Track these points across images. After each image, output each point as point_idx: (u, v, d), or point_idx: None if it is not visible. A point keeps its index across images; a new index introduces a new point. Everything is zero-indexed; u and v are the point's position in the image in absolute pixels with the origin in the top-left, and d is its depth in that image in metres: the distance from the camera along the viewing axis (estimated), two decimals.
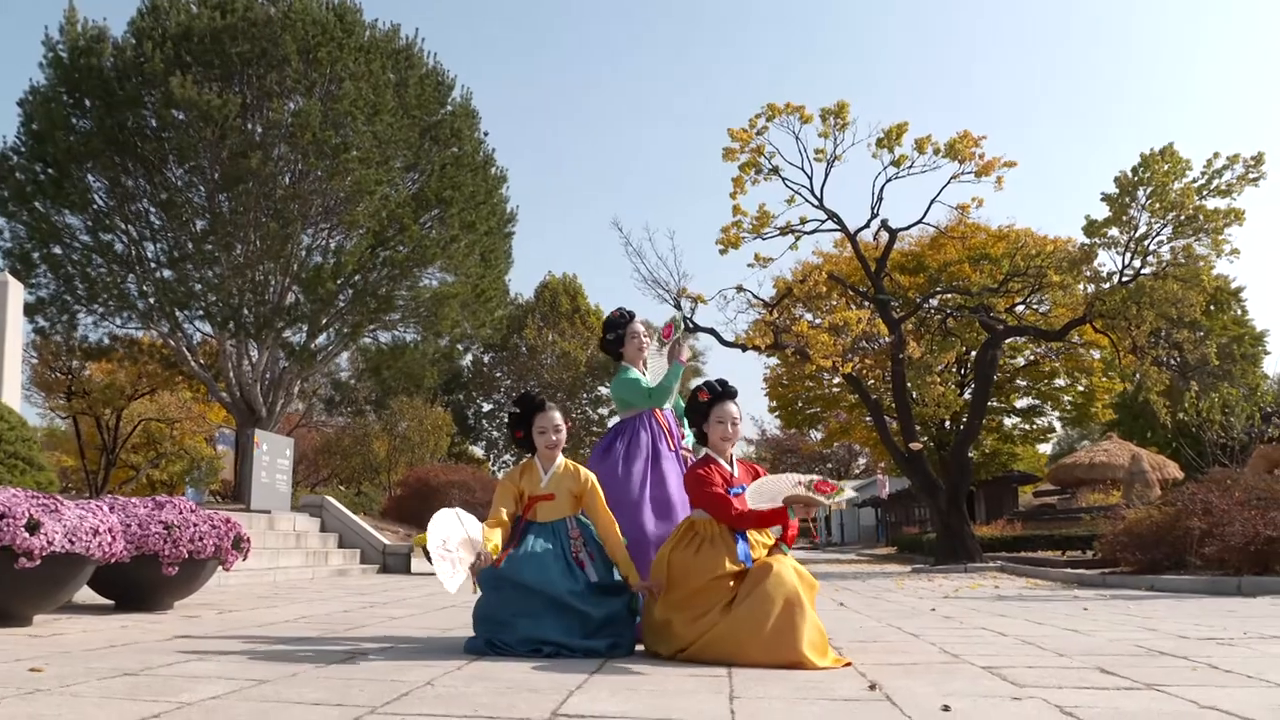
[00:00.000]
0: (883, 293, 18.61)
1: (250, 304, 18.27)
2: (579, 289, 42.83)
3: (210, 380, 19.87)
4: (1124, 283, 15.84)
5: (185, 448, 27.88)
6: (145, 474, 28.46)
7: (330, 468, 34.05)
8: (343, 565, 12.71)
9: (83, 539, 4.53)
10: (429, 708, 2.65)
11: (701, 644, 3.70)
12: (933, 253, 25.39)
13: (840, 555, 28.28)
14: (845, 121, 17.70)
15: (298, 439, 35.13)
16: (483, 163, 20.61)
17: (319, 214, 18.78)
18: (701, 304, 19.68)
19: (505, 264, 21.90)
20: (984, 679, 3.27)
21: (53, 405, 29.25)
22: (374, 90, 17.85)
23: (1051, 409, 28.37)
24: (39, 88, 17.63)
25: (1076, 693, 2.97)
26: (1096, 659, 3.81)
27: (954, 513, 17.03)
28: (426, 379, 21.81)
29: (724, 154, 18.22)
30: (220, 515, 5.92)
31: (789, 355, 19.63)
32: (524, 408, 4.35)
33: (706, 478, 3.97)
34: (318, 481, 34.17)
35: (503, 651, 3.86)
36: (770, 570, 3.75)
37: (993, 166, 17.33)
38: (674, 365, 4.75)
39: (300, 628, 5.02)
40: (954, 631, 5.04)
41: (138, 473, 28.82)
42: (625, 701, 2.78)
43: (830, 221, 18.63)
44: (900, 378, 18.01)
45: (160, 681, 3.04)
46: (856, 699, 2.86)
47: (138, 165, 17.76)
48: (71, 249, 18.04)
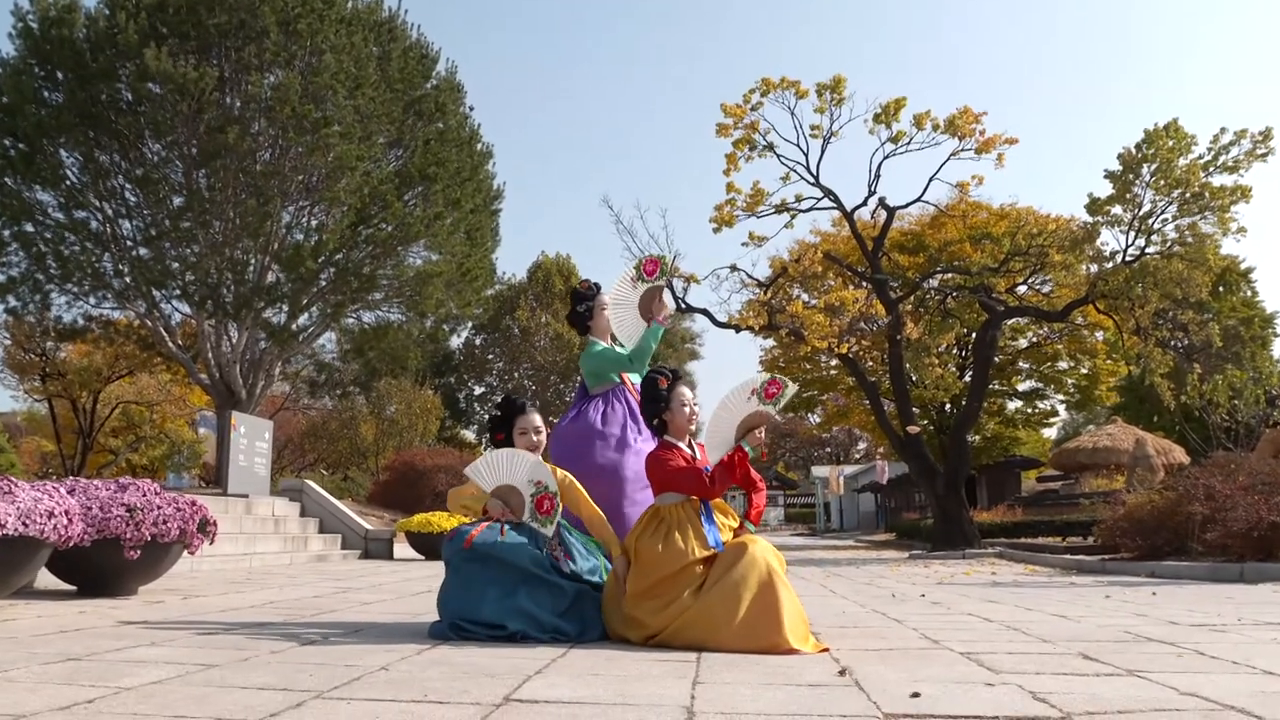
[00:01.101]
0: (880, 272, 18.57)
1: (229, 283, 18.18)
2: (572, 269, 42.72)
3: (188, 362, 19.79)
4: (1127, 262, 15.81)
5: (165, 431, 27.85)
6: (124, 458, 28.42)
7: (316, 452, 33.99)
8: (323, 551, 12.68)
9: (37, 521, 4.48)
10: (378, 692, 2.62)
11: (672, 630, 3.66)
12: (933, 232, 25.33)
13: (838, 541, 28.31)
14: (842, 97, 17.66)
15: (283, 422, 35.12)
16: (468, 138, 20.52)
17: (299, 191, 18.68)
18: (694, 284, 19.67)
19: (492, 242, 21.82)
20: (960, 664, 3.24)
21: (28, 388, 29.14)
22: (355, 64, 17.73)
23: (1054, 392, 28.36)
24: (8, 59, 17.49)
25: (1054, 679, 2.94)
26: (1081, 645, 3.78)
27: (952, 498, 17.04)
28: (411, 360, 21.74)
29: (717, 130, 18.17)
30: (185, 498, 5.88)
31: (784, 336, 19.59)
32: (505, 411, 4.40)
33: (667, 457, 3.93)
34: (303, 466, 34.11)
35: (467, 636, 3.82)
36: (744, 552, 3.72)
37: (993, 143, 17.30)
38: (652, 326, 4.64)
39: (265, 613, 4.98)
40: (939, 617, 5.01)
41: (116, 457, 28.78)
42: (584, 687, 2.75)
43: (826, 199, 18.62)
44: (898, 359, 18.00)
45: (104, 666, 3.00)
46: (824, 684, 2.83)
47: (112, 140, 17.63)
48: (44, 226, 17.92)
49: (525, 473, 4.11)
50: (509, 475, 4.12)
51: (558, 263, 43.12)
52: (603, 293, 4.85)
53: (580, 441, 4.50)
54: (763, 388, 3.94)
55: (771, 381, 3.96)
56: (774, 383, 3.95)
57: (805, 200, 18.92)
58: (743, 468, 3.84)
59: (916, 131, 17.57)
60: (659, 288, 4.66)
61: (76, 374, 26.23)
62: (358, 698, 2.54)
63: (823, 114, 17.88)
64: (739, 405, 3.91)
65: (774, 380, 3.95)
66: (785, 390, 3.90)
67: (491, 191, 21.53)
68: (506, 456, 4.18)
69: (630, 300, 4.70)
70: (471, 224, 20.41)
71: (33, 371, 27.47)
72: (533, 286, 41.83)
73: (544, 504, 4.06)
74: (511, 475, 4.12)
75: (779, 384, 3.94)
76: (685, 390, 4.08)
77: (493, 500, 4.09)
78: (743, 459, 3.84)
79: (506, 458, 4.17)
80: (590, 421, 4.53)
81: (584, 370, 4.78)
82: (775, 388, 3.93)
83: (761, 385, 3.95)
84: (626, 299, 4.70)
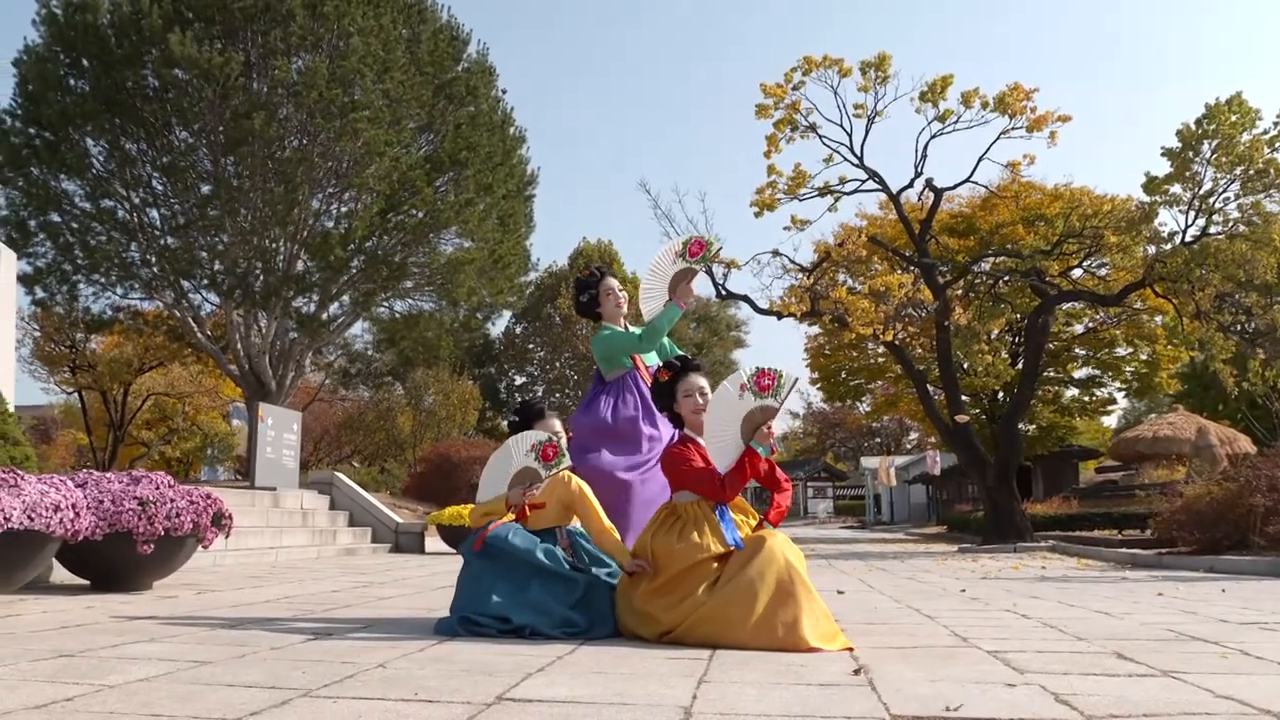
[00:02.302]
0: (927, 256, 18.38)
1: (257, 272, 18.33)
2: (614, 255, 42.70)
3: (218, 352, 20.00)
4: (1187, 243, 15.50)
5: (198, 424, 28.19)
6: (157, 451, 28.81)
7: (353, 444, 34.26)
8: (351, 544, 12.76)
9: (43, 515, 4.52)
10: (368, 690, 2.59)
11: (686, 627, 3.61)
12: (984, 214, 24.97)
13: (887, 535, 28.09)
14: (886, 75, 17.51)
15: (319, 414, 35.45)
16: (500, 122, 20.53)
17: (327, 177, 18.76)
18: (735, 269, 19.62)
19: (526, 228, 21.82)
20: (985, 664, 3.17)
21: (59, 380, 29.60)
22: (384, 46, 17.76)
23: (1112, 379, 27.88)
24: (33, 47, 17.72)
25: (1081, 679, 2.86)
26: (1118, 644, 3.69)
27: (1003, 489, 16.84)
28: (443, 349, 21.81)
29: (757, 111, 18.06)
30: (200, 491, 5.92)
31: (827, 323, 19.45)
32: (524, 416, 4.42)
33: (684, 455, 3.88)
34: (340, 458, 34.42)
35: (477, 631, 3.81)
36: (761, 547, 3.66)
37: (1045, 121, 17.06)
38: (669, 306, 4.61)
39: (277, 608, 5.00)
40: (974, 614, 4.92)
41: (149, 449, 29.17)
42: (583, 686, 2.71)
43: (871, 181, 18.48)
44: (946, 346, 17.80)
45: (94, 663, 3.01)
46: (836, 684, 2.77)
47: (138, 128, 17.82)
48: (70, 216, 18.17)
49: (520, 450, 4.17)
50: (510, 465, 4.17)
51: (599, 249, 43.10)
52: (607, 277, 4.85)
53: (591, 437, 4.51)
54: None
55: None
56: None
57: (849, 182, 18.80)
58: (754, 468, 3.79)
59: (964, 110, 17.39)
60: (693, 271, 4.63)
61: (107, 366, 26.59)
62: (345, 696, 2.52)
63: (867, 93, 17.75)
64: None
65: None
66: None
67: (525, 176, 21.52)
68: (498, 456, 4.25)
69: (666, 272, 4.68)
70: (504, 210, 20.41)
71: (62, 363, 27.88)
72: (574, 273, 41.78)
73: (548, 452, 4.13)
74: (512, 464, 4.17)
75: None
76: (694, 380, 4.02)
77: (512, 491, 4.12)
78: (753, 459, 3.79)
79: (499, 457, 4.24)
80: (601, 416, 4.53)
81: (596, 356, 4.77)
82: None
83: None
84: (663, 269, 4.68)
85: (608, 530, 4.10)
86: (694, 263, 4.62)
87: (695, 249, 4.65)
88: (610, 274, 4.93)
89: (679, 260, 4.63)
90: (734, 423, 3.81)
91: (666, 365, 4.09)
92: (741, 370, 3.87)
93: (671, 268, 4.65)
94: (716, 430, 3.83)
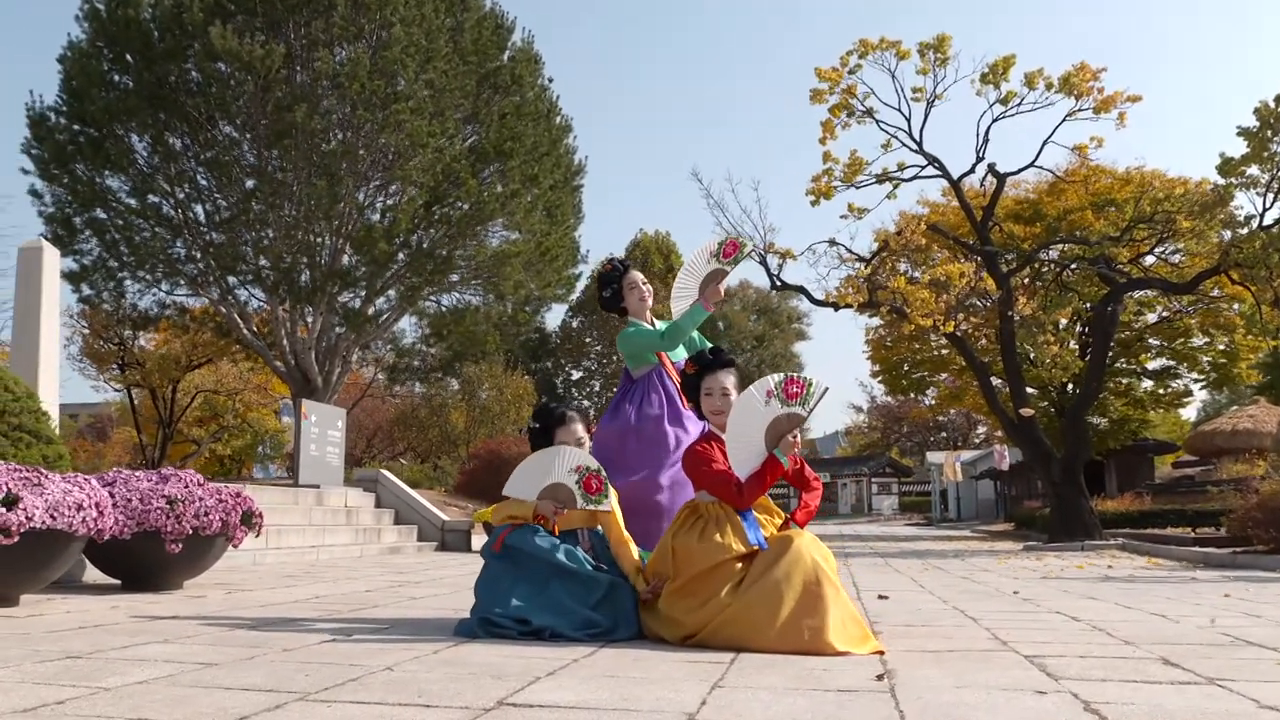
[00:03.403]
0: (990, 244, 18.11)
1: (302, 267, 18.55)
2: (672, 247, 42.67)
3: (264, 349, 20.27)
4: (1264, 227, 15.11)
5: (248, 421, 28.64)
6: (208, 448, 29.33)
7: (406, 440, 34.58)
8: (396, 543, 12.86)
9: (65, 514, 4.59)
10: (367, 694, 2.59)
11: (710, 629, 3.57)
12: (1051, 199, 24.51)
13: (952, 532, 27.74)
14: (946, 56, 17.34)
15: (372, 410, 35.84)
16: (546, 111, 20.56)
17: (371, 170, 18.91)
18: (790, 260, 19.53)
19: (574, 219, 21.86)
20: (1019, 669, 3.09)
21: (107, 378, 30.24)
22: (426, 36, 17.87)
23: (1187, 371, 27.26)
24: (77, 43, 18.08)
25: (1119, 686, 2.77)
26: (1167, 648, 3.58)
27: (1069, 485, 16.56)
28: (489, 343, 21.90)
29: (812, 96, 17.96)
30: (229, 489, 5.98)
31: (886, 314, 19.27)
32: (543, 422, 4.35)
33: (705, 454, 3.84)
34: (394, 455, 34.76)
35: (497, 633, 3.81)
36: (788, 547, 3.60)
37: (1113, 102, 16.76)
38: (695, 304, 4.57)
39: (304, 608, 5.03)
40: (1021, 616, 4.82)
41: (199, 447, 29.69)
42: (591, 690, 2.68)
43: (931, 167, 18.32)
44: (1009, 337, 17.54)
45: (98, 665, 3.04)
46: (855, 690, 2.71)
47: (181, 123, 18.10)
48: (115, 213, 18.51)
49: (563, 464, 4.09)
50: (548, 475, 4.10)
51: (656, 240, 43.08)
52: (631, 271, 4.85)
53: (618, 441, 4.50)
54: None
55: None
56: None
57: (908, 169, 18.65)
58: (774, 477, 3.75)
59: (1028, 91, 17.17)
60: (724, 272, 4.61)
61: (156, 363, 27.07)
62: (342, 700, 2.51)
63: (925, 75, 17.59)
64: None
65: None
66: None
67: (572, 166, 21.56)
68: (540, 458, 4.17)
69: (699, 272, 4.67)
70: (551, 201, 20.45)
71: (110, 361, 28.44)
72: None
73: (592, 484, 4.05)
74: (550, 474, 4.10)
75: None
76: (717, 378, 3.97)
77: (542, 503, 4.07)
78: (774, 469, 3.74)
79: (540, 460, 4.17)
80: (626, 418, 4.52)
81: (622, 353, 4.77)
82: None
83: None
84: (697, 269, 4.67)
85: (626, 543, 4.07)
86: (725, 264, 4.60)
87: (729, 249, 4.63)
88: (634, 267, 4.92)
89: (713, 260, 4.63)
90: (758, 430, 3.76)
91: (694, 358, 4.05)
92: (769, 377, 3.82)
93: (705, 268, 4.64)
94: (738, 436, 3.78)
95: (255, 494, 10.94)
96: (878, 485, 63.12)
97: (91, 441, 42.06)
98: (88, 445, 39.35)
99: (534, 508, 4.08)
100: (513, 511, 4.15)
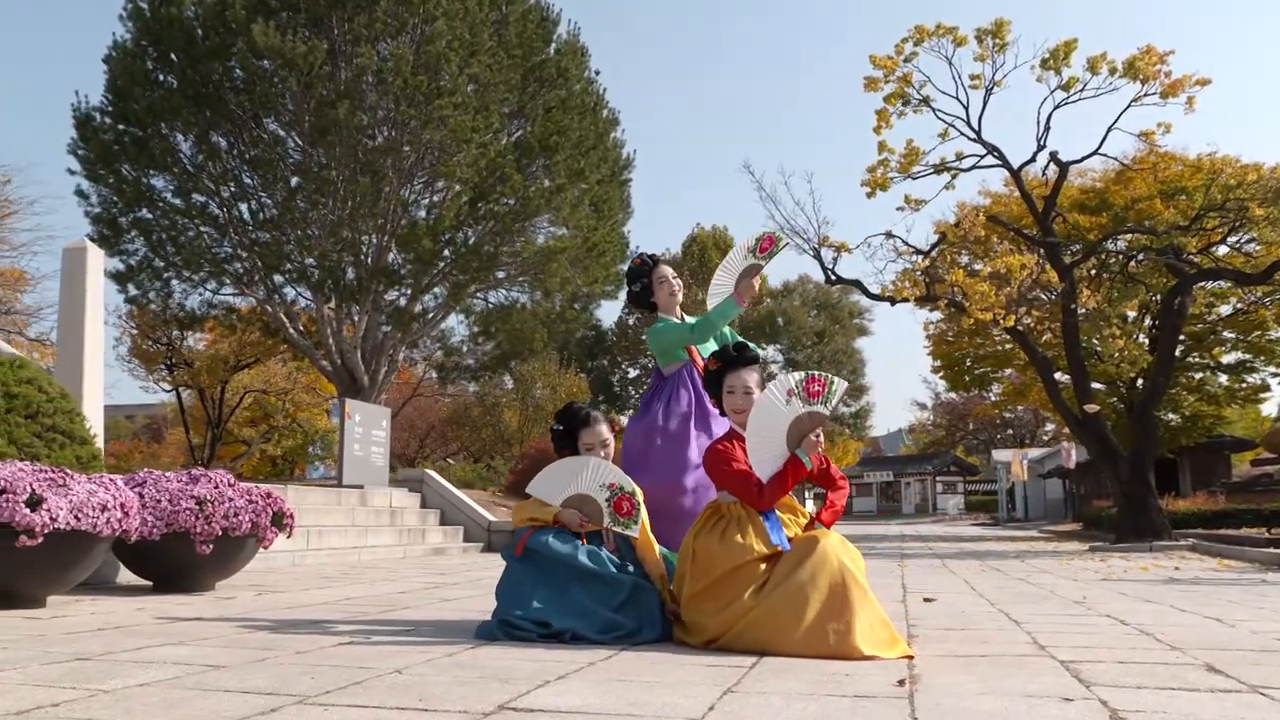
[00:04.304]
0: (1052, 234, 17.84)
1: (347, 265, 18.72)
2: (729, 243, 42.52)
3: (310, 348, 20.50)
4: None
5: (298, 421, 28.94)
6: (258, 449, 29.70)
7: (460, 439, 34.82)
8: (441, 544, 12.94)
9: (90, 515, 4.66)
10: (368, 698, 2.58)
11: (734, 633, 3.53)
12: (1118, 188, 24.07)
13: (1018, 532, 27.36)
14: (1004, 42, 17.14)
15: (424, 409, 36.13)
16: (592, 105, 20.56)
17: (415, 167, 19.03)
18: (846, 253, 19.40)
19: (623, 214, 21.84)
20: (1050, 675, 3.01)
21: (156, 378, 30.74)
22: (470, 30, 17.94)
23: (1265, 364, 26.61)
24: (121, 42, 18.39)
25: (1153, 694, 2.69)
26: (1215, 654, 3.48)
27: (1137, 483, 16.27)
28: (536, 341, 21.95)
29: (866, 84, 17.82)
30: (260, 489, 6.04)
31: (944, 307, 19.06)
32: (567, 424, 4.32)
33: (727, 454, 3.79)
34: (447, 454, 35.01)
35: (517, 635, 3.80)
36: (813, 548, 3.55)
37: (1182, 85, 16.43)
38: (727, 299, 4.54)
39: (332, 610, 5.06)
40: (1067, 619, 4.72)
41: (249, 448, 30.07)
42: (599, 694, 2.65)
43: (990, 156, 18.10)
44: (1073, 331, 17.26)
45: (105, 667, 3.07)
46: (873, 696, 2.65)
47: (225, 121, 18.35)
48: (160, 212, 18.80)
49: (595, 477, 4.07)
50: (577, 484, 4.08)
51: (714, 236, 42.97)
52: (660, 265, 4.84)
53: (643, 443, 4.49)
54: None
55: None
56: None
57: (966, 158, 18.45)
58: (796, 478, 3.70)
59: (1090, 76, 16.90)
60: (758, 267, 4.58)
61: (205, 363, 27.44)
62: (340, 704, 2.50)
63: (984, 62, 17.39)
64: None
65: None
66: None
67: (620, 160, 21.54)
68: (571, 465, 4.15)
69: (736, 267, 4.65)
70: (598, 195, 20.45)
71: (158, 361, 28.90)
72: (688, 261, 41.74)
73: (623, 505, 4.02)
74: (579, 484, 4.08)
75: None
76: (739, 376, 3.91)
77: (566, 511, 4.05)
78: (797, 470, 3.69)
79: (571, 466, 4.14)
80: (654, 417, 4.51)
81: (652, 350, 4.75)
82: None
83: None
84: (734, 266, 4.66)
85: (652, 548, 4.05)
86: (761, 259, 4.58)
87: (765, 244, 4.60)
88: (664, 262, 4.90)
89: (749, 256, 4.60)
90: (779, 430, 3.71)
91: (717, 354, 4.01)
92: (789, 375, 3.77)
93: (741, 264, 4.62)
94: (759, 436, 3.73)
95: (296, 495, 11.14)
96: (943, 484, 62.62)
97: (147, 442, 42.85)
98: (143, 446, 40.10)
99: (555, 513, 4.07)
100: (534, 514, 4.13)
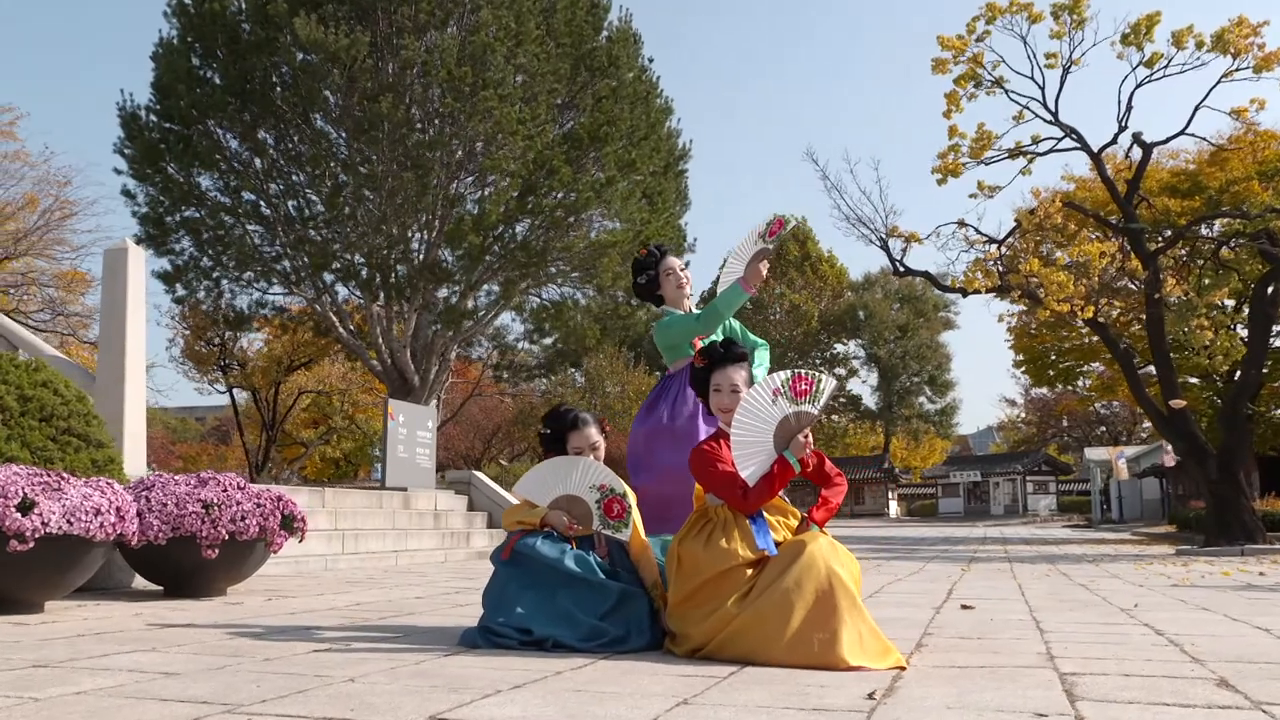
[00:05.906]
0: (1135, 220, 17.42)
1: (396, 262, 18.89)
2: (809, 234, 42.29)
3: (360, 347, 20.75)
4: None
5: (356, 422, 29.34)
6: (316, 451, 30.16)
7: (527, 440, 35.09)
8: (486, 547, 12.96)
9: (82, 519, 4.73)
10: (302, 707, 2.58)
11: (718, 642, 3.48)
12: (1213, 170, 23.42)
13: (1109, 535, 26.77)
14: (1082, 17, 16.85)
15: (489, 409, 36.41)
16: (645, 94, 20.48)
17: (462, 161, 19.12)
18: (915, 244, 19.17)
19: (679, 206, 21.75)
20: (1038, 689, 2.91)
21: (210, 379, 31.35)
22: (516, 19, 17.99)
23: None
24: (166, 39, 18.80)
25: (1139, 711, 2.60)
26: (1238, 668, 3.35)
27: (1227, 483, 15.85)
28: (588, 337, 21.96)
29: (934, 66, 17.61)
30: (270, 493, 6.10)
31: (1019, 299, 18.73)
32: (555, 427, 4.31)
33: (712, 455, 3.74)
34: (514, 455, 35.26)
35: (498, 642, 3.79)
36: (800, 554, 3.48)
37: (1276, 58, 15.98)
38: (733, 286, 4.47)
39: (331, 616, 5.09)
40: (1100, 628, 4.59)
41: (307, 450, 30.55)
42: (545, 706, 2.62)
43: (1068, 139, 17.78)
44: (1157, 322, 16.83)
45: (56, 674, 3.11)
46: (839, 710, 2.59)
47: (270, 117, 18.62)
48: (208, 211, 19.14)
49: (584, 478, 4.05)
50: (565, 485, 4.07)
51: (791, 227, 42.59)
52: (668, 256, 4.78)
53: (644, 445, 4.46)
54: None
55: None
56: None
57: (1042, 142, 18.15)
58: (784, 480, 3.64)
59: (1175, 52, 16.55)
60: (768, 251, 4.52)
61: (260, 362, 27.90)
62: (270, 713, 2.50)
63: (1060, 39, 17.11)
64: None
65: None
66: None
67: (675, 151, 21.46)
68: (559, 465, 4.14)
69: (746, 254, 4.58)
70: (651, 187, 20.39)
71: (210, 362, 29.47)
72: None
73: (613, 507, 4.01)
74: (568, 484, 4.07)
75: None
76: (726, 374, 3.85)
77: (553, 513, 4.05)
78: (785, 472, 3.63)
79: (559, 466, 4.13)
80: (659, 418, 4.47)
81: (658, 346, 4.71)
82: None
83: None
84: (744, 251, 4.58)
85: (646, 549, 4.04)
86: (770, 242, 4.51)
87: (774, 228, 4.53)
88: (671, 253, 4.84)
89: (760, 241, 4.53)
90: (765, 431, 3.65)
91: (703, 351, 3.95)
92: (775, 375, 3.71)
93: (751, 249, 4.55)
94: (744, 438, 3.67)
95: (335, 497, 11.28)
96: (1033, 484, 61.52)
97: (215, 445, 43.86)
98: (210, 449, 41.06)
99: (542, 516, 4.05)
100: (523, 516, 4.12)
